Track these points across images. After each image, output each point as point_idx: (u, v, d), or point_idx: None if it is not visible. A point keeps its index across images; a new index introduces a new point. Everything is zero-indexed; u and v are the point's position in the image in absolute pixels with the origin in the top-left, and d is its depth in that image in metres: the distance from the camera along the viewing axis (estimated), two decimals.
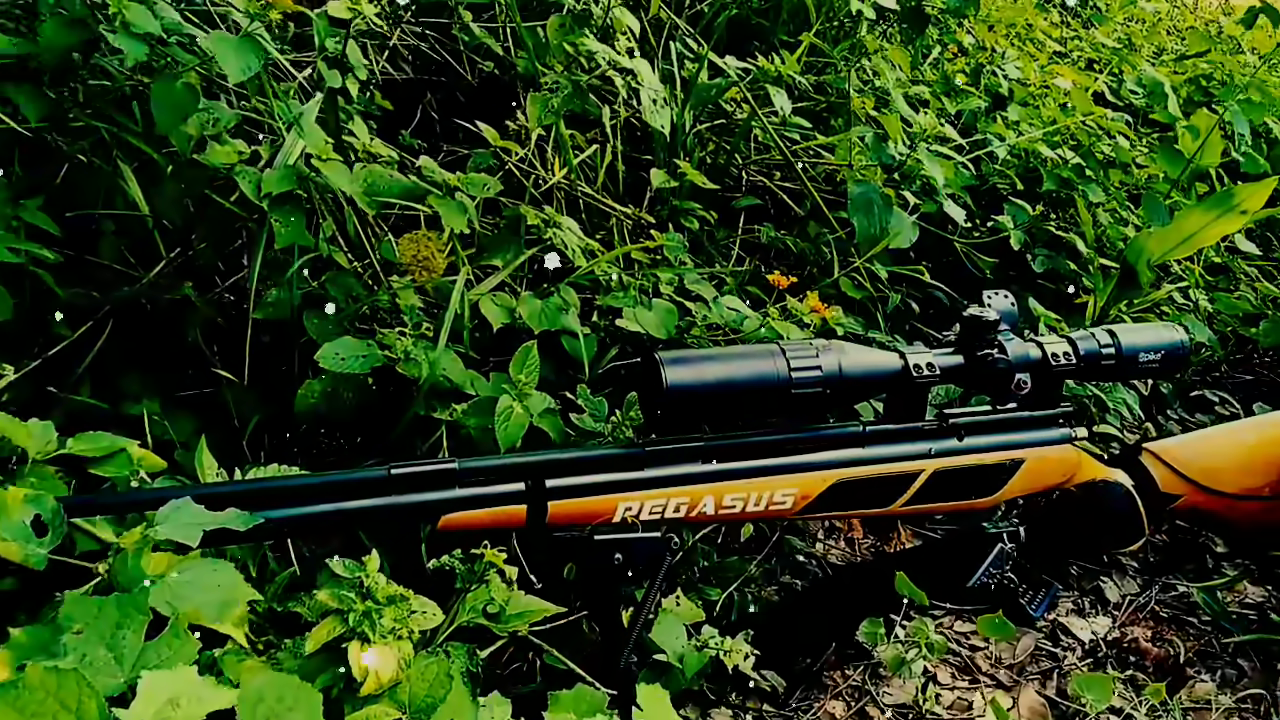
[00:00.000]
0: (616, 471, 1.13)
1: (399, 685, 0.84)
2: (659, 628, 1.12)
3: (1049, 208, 2.04)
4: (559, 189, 1.81)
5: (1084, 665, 1.33)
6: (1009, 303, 1.26)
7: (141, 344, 1.44)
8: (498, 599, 1.01)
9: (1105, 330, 1.28)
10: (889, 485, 1.22)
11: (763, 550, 1.42)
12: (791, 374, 1.12)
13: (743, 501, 1.16)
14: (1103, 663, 1.33)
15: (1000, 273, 2.12)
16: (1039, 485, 1.29)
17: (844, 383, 1.14)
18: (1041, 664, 1.33)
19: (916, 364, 1.19)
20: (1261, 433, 1.41)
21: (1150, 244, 1.80)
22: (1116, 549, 1.38)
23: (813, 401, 1.14)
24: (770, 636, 1.32)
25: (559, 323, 1.38)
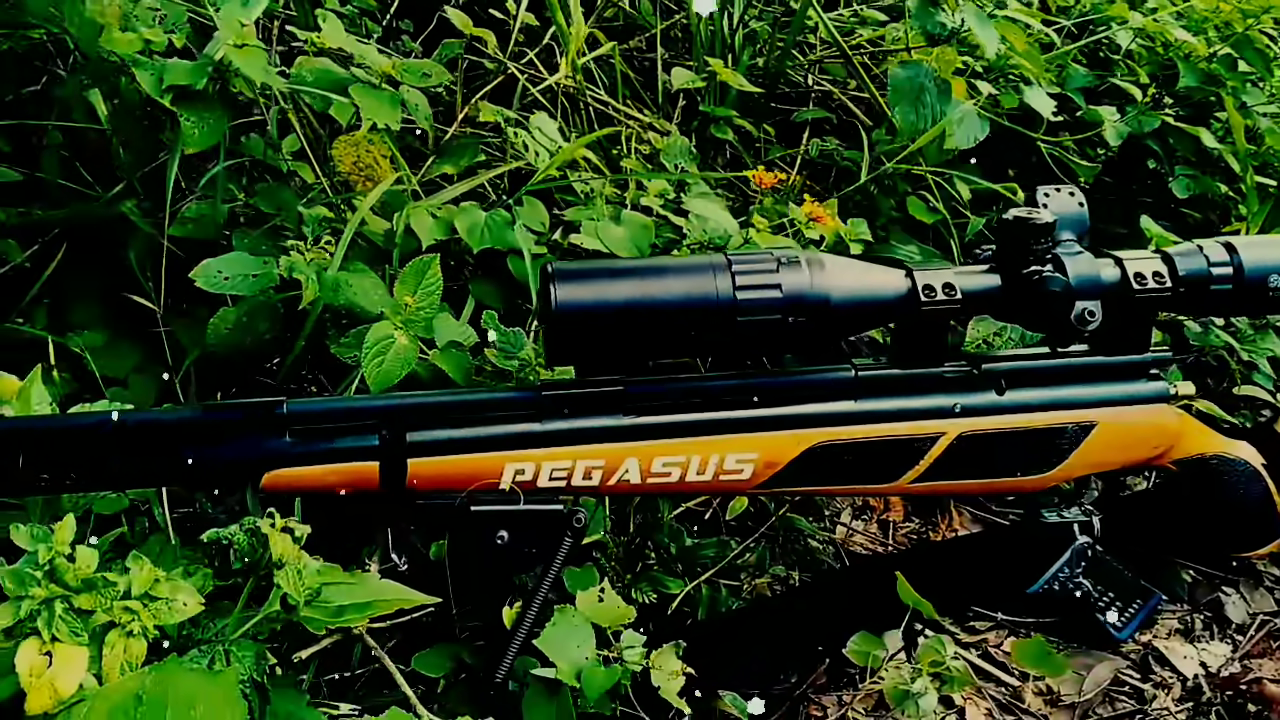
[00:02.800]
0: (503, 423, 0.85)
1: (81, 703, 0.60)
2: (552, 632, 0.85)
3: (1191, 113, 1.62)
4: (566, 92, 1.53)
5: (1179, 712, 0.97)
6: (1076, 203, 0.90)
7: (93, 270, 1.26)
8: (307, 584, 0.75)
9: (1219, 243, 0.91)
10: (893, 453, 0.90)
11: (757, 531, 1.11)
12: (737, 295, 0.82)
13: (679, 468, 0.86)
14: (1205, 710, 0.96)
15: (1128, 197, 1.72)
16: (1118, 459, 0.94)
17: (817, 309, 0.83)
18: (1118, 706, 0.97)
19: (928, 285, 0.86)
20: None
21: None
22: (1237, 552, 1.00)
23: (771, 333, 0.83)
24: (745, 645, 1.02)
25: (504, 240, 1.11)
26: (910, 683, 0.89)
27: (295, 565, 0.74)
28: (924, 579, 1.10)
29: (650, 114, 1.52)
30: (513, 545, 0.84)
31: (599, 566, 1.03)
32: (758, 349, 0.86)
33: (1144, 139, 1.60)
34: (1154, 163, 1.66)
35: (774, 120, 1.61)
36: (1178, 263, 0.90)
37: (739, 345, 0.84)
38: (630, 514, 1.11)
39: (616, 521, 1.09)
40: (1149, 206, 1.72)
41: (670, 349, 0.84)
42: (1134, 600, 1.07)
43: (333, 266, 1.02)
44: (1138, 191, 1.74)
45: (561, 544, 0.85)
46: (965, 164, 1.53)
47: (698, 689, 0.96)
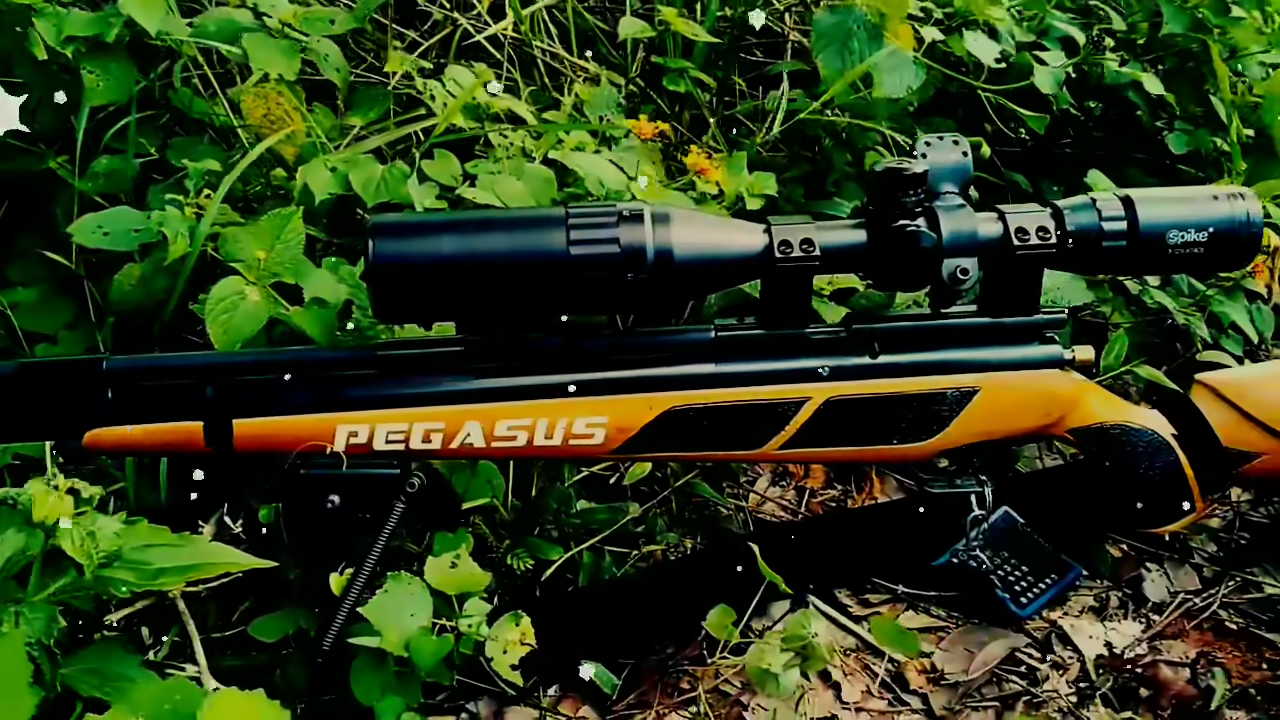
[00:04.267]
0: (335, 383, 0.82)
1: None
2: (382, 600, 0.81)
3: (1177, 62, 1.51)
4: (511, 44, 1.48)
5: (1069, 695, 0.90)
6: (958, 153, 0.84)
7: (32, 226, 1.25)
8: (102, 546, 0.73)
9: (1117, 196, 0.83)
10: (756, 418, 0.84)
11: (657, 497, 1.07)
12: (570, 249, 0.77)
13: (526, 432, 0.82)
14: (1090, 693, 0.90)
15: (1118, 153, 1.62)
16: (1005, 427, 0.87)
17: (658, 265, 0.77)
18: (1005, 686, 0.91)
19: (785, 241, 0.80)
20: None
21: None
22: (1145, 527, 0.94)
23: (609, 290, 0.78)
24: (625, 613, 0.98)
25: (401, 194, 1.07)
26: (769, 658, 0.84)
27: (86, 526, 0.72)
28: (826, 549, 1.05)
29: (597, 66, 1.46)
30: (344, 510, 0.81)
31: (484, 531, 0.99)
32: (598, 306, 0.81)
33: (1122, 90, 1.51)
34: (1145, 117, 1.56)
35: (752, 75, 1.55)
36: (1067, 218, 0.82)
37: (577, 302, 0.79)
38: (534, 478, 1.08)
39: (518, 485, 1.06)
40: (1144, 163, 1.63)
41: (505, 306, 0.79)
42: (1047, 575, 1.01)
43: (206, 221, 0.99)
44: (1129, 147, 1.64)
45: (393, 509, 0.82)
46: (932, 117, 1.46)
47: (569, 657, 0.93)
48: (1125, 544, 1.08)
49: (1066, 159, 1.66)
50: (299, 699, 0.84)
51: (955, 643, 0.95)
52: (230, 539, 0.86)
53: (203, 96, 1.21)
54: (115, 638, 0.84)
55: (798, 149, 1.40)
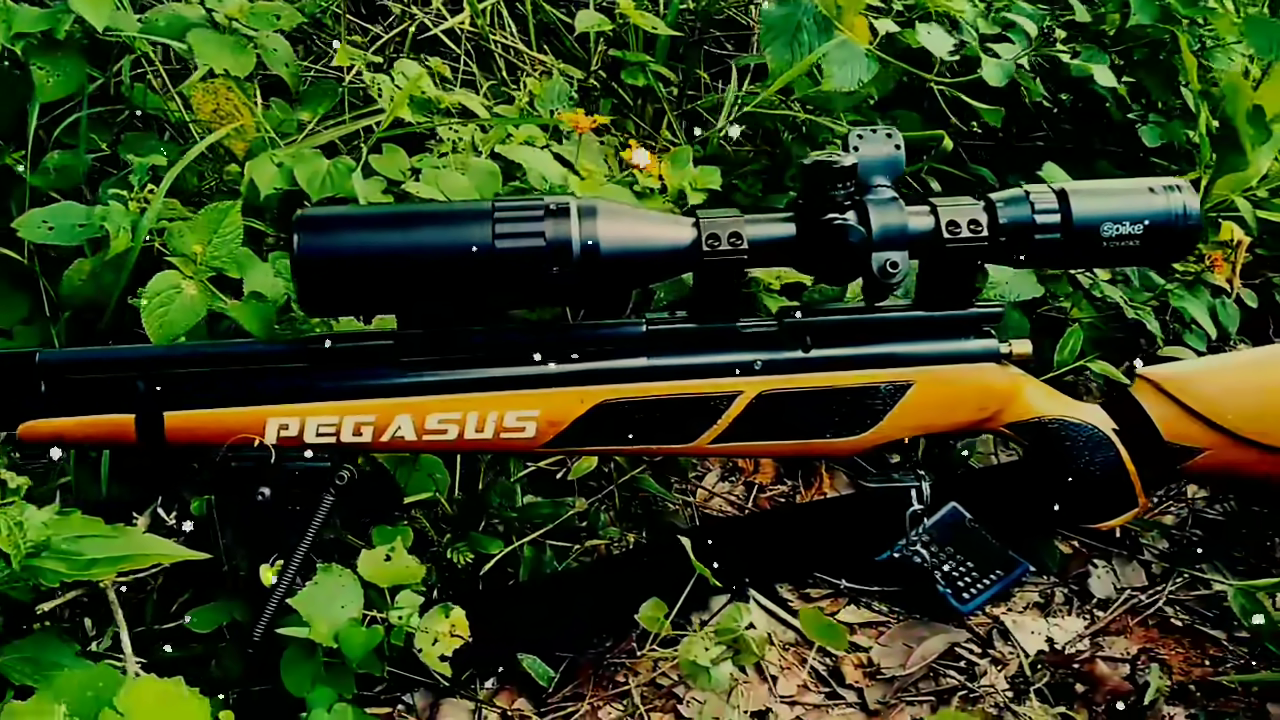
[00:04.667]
0: (266, 376, 0.82)
1: None
2: (312, 591, 0.81)
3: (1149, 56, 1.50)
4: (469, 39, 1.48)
5: (1005, 690, 0.90)
6: (890, 146, 0.83)
7: None
8: (30, 537, 0.73)
9: (1052, 189, 0.83)
10: (688, 412, 0.84)
11: (602, 492, 1.07)
12: (496, 243, 0.77)
13: (456, 425, 0.83)
14: (1025, 688, 0.89)
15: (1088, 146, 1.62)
16: (940, 421, 0.87)
17: (584, 259, 0.77)
18: (942, 681, 0.91)
19: (713, 235, 0.80)
20: None
21: (1264, 89, 1.26)
22: (1086, 522, 0.93)
23: (535, 284, 0.78)
24: (566, 607, 0.98)
25: (346, 189, 1.06)
26: (700, 652, 0.84)
27: (14, 517, 0.72)
28: (770, 544, 1.05)
29: (554, 60, 1.46)
30: (275, 502, 0.82)
31: (425, 525, 0.99)
32: (526, 300, 0.81)
33: (1089, 82, 1.50)
34: (1112, 109, 1.55)
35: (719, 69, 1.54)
36: (1000, 211, 0.82)
37: (504, 296, 0.79)
38: (481, 473, 1.08)
39: (467, 480, 1.06)
40: (1117, 157, 1.62)
41: (431, 299, 0.79)
42: (993, 571, 1.01)
43: (149, 216, 0.99)
44: (1101, 141, 1.63)
45: (323, 502, 0.82)
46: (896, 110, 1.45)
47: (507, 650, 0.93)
48: (1076, 540, 1.07)
49: (1038, 152, 1.66)
50: (233, 688, 0.84)
51: (895, 637, 0.95)
52: (167, 531, 0.86)
53: (157, 92, 1.22)
54: (53, 628, 0.84)
55: (760, 143, 1.40)
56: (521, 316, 0.89)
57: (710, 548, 1.01)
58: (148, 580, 0.95)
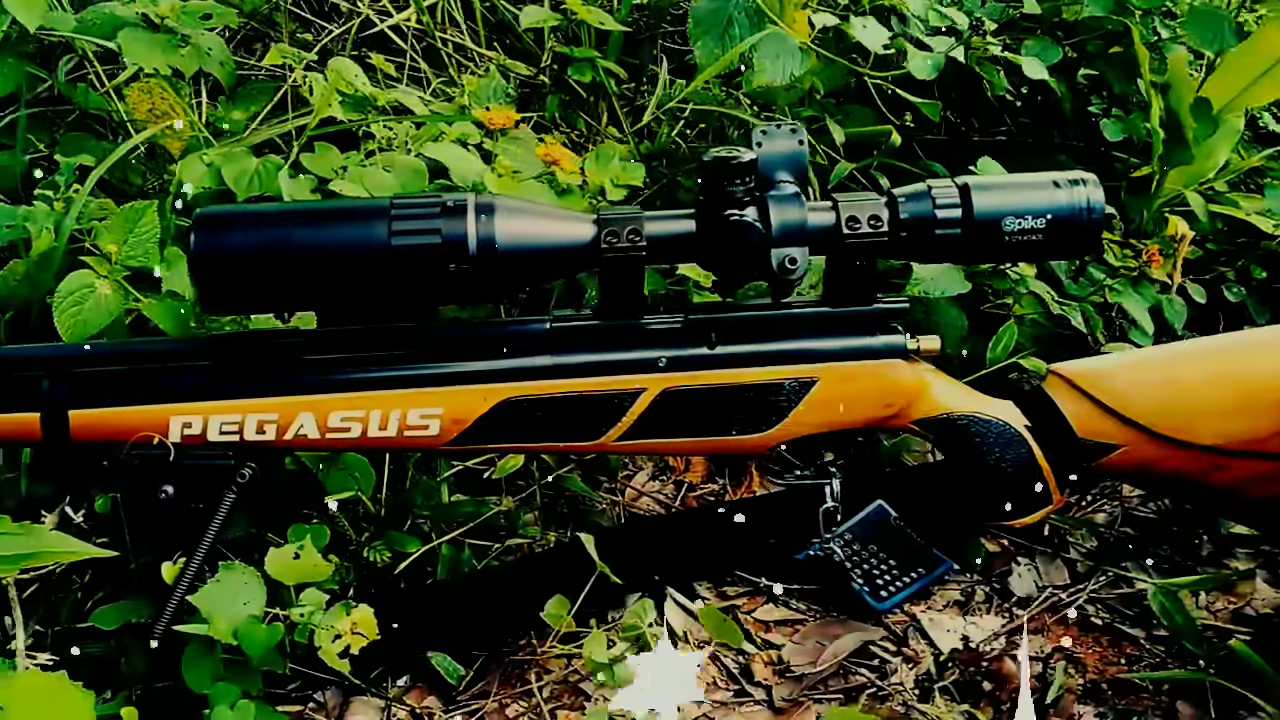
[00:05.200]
0: (170, 374, 0.82)
1: None
2: (213, 589, 0.82)
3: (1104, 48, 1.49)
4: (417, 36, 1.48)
5: (914, 688, 0.90)
6: (794, 141, 0.83)
7: None
8: None
9: (955, 183, 0.83)
10: (592, 409, 0.84)
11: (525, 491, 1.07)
12: (391, 240, 0.77)
13: (359, 423, 0.83)
14: (930, 686, 0.89)
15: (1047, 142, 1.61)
16: (845, 418, 0.86)
17: (481, 256, 0.77)
18: (852, 679, 0.91)
19: (612, 231, 0.80)
20: (1263, 356, 0.90)
21: (1211, 82, 1.25)
22: (998, 520, 0.93)
23: (432, 282, 0.78)
24: (484, 607, 0.98)
25: (274, 188, 1.07)
26: (601, 650, 0.84)
27: None
28: (694, 542, 1.05)
29: (501, 56, 1.46)
30: (178, 500, 0.82)
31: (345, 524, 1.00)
32: (424, 297, 0.81)
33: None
34: (1067, 103, 1.55)
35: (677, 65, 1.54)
36: (901, 206, 0.82)
37: (402, 294, 0.79)
38: (409, 471, 1.08)
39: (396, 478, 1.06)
40: (1079, 151, 1.61)
41: (330, 297, 0.80)
42: (914, 569, 1.01)
43: (71, 216, 0.99)
44: (1063, 135, 1.63)
45: (224, 500, 0.82)
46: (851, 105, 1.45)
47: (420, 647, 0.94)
48: (1005, 539, 1.07)
49: (998, 147, 1.65)
50: (139, 685, 0.85)
51: (809, 635, 0.95)
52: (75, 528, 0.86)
53: (99, 92, 1.22)
54: None
55: (710, 140, 1.39)
56: (453, 314, 0.89)
57: (632, 547, 1.02)
58: (73, 579, 0.96)
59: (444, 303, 0.83)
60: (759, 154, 0.81)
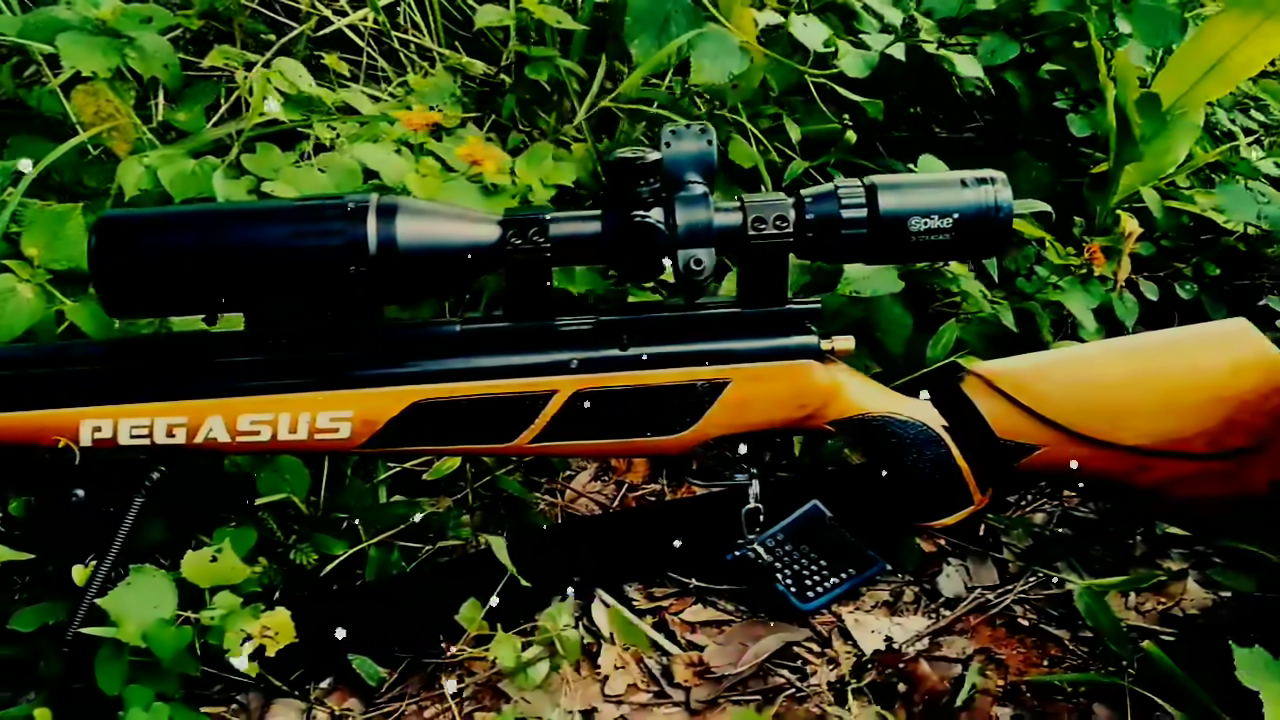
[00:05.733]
0: (79, 378, 0.82)
1: None
2: (123, 592, 0.82)
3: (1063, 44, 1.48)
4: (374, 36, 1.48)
5: (830, 689, 0.89)
6: (703, 142, 0.82)
7: None
8: None
9: (862, 183, 0.82)
10: (504, 411, 0.84)
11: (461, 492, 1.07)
12: (294, 242, 0.77)
13: (269, 426, 0.83)
14: (843, 688, 0.88)
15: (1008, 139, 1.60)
16: (760, 419, 0.86)
17: (381, 258, 0.77)
18: (771, 680, 0.90)
19: (516, 232, 0.79)
20: (1186, 355, 0.89)
21: (1161, 77, 1.24)
22: (918, 520, 0.92)
23: (334, 284, 0.78)
24: (410, 609, 0.98)
25: (210, 188, 1.07)
26: (522, 650, 0.84)
27: None
28: (627, 543, 1.05)
29: (458, 55, 1.46)
30: (89, 503, 0.82)
31: (274, 526, 1.00)
32: (327, 299, 0.80)
33: (998, 71, 1.48)
34: (1025, 99, 1.54)
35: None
36: (808, 206, 0.81)
37: (305, 296, 0.79)
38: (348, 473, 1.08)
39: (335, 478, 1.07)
40: (1045, 148, 1.60)
41: (233, 300, 0.80)
42: (845, 569, 1.01)
43: (3, 219, 1.00)
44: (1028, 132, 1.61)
45: (133, 502, 0.82)
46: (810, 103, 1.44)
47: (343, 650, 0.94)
48: (942, 539, 1.06)
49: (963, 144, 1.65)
50: (54, 687, 0.85)
51: (733, 636, 0.94)
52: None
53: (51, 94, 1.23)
54: None
55: None
56: (392, 315, 0.89)
57: (563, 548, 1.02)
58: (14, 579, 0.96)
59: (348, 306, 0.82)
60: (666, 155, 0.81)
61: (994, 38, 1.43)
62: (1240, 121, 1.70)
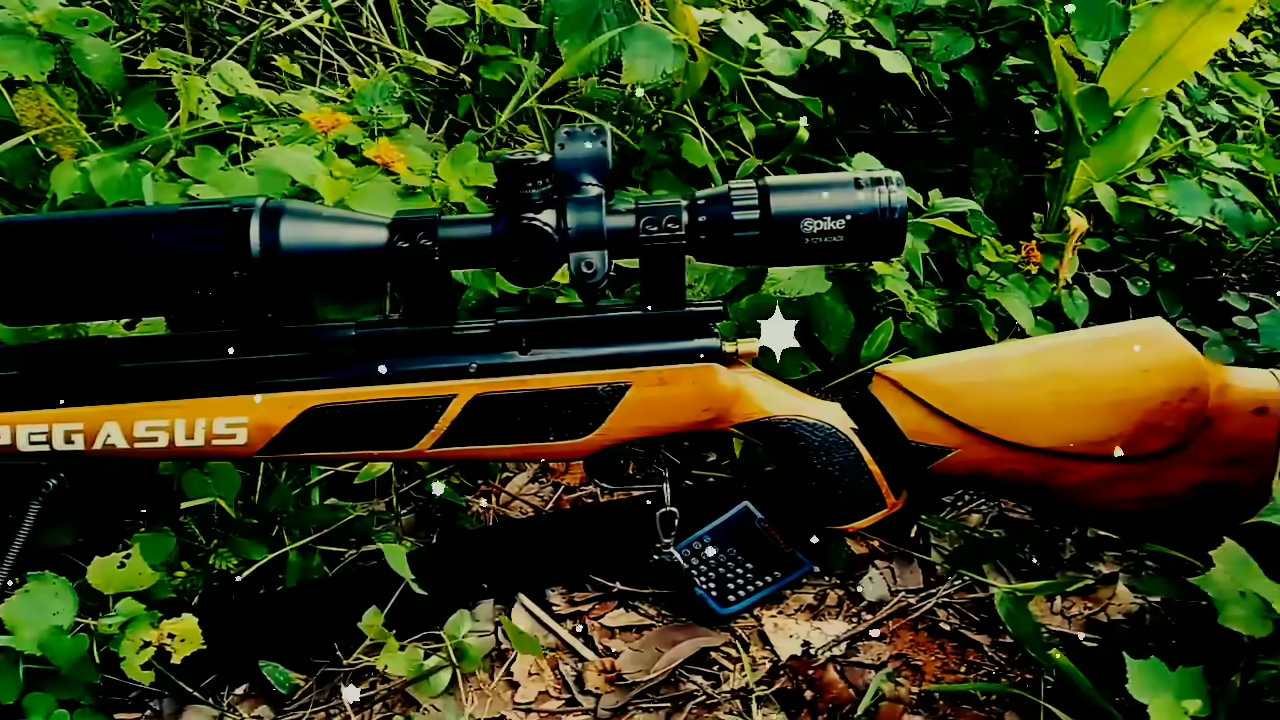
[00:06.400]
0: None
1: None
2: (19, 600, 0.82)
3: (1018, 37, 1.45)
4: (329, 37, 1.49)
5: (738, 697, 0.88)
6: (598, 143, 0.81)
7: None
8: None
9: (755, 184, 0.81)
10: (403, 416, 0.83)
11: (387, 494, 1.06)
12: (179, 247, 0.77)
13: (165, 433, 0.82)
14: (762, 698, 0.86)
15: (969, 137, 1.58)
16: (662, 422, 0.85)
17: (264, 262, 0.77)
18: (683, 687, 0.89)
19: (404, 235, 0.79)
20: (1096, 356, 0.87)
21: (1108, 73, 1.21)
22: (831, 524, 0.90)
23: (217, 289, 0.77)
24: (329, 615, 0.98)
25: (140, 193, 1.07)
26: (424, 660, 0.83)
27: None
28: (553, 546, 1.04)
29: (412, 55, 1.46)
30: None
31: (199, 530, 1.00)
32: (213, 305, 0.80)
33: (955, 67, 1.46)
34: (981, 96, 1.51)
35: None
36: (700, 208, 0.80)
37: (191, 301, 0.79)
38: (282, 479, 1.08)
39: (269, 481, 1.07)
40: (1013, 144, 1.58)
41: (127, 308, 0.80)
42: (770, 573, 1.00)
43: None
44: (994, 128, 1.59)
45: (29, 509, 0.82)
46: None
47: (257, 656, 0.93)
48: (877, 541, 1.05)
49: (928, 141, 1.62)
50: None
51: (650, 642, 0.93)
52: None
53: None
54: None
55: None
56: (328, 315, 0.88)
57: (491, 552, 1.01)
58: None
59: (233, 310, 0.81)
60: (560, 156, 0.80)
61: (948, 33, 1.41)
62: (1215, 114, 1.67)
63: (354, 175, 0.99)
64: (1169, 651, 0.84)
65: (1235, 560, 0.70)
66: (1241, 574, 0.70)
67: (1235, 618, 0.70)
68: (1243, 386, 0.85)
